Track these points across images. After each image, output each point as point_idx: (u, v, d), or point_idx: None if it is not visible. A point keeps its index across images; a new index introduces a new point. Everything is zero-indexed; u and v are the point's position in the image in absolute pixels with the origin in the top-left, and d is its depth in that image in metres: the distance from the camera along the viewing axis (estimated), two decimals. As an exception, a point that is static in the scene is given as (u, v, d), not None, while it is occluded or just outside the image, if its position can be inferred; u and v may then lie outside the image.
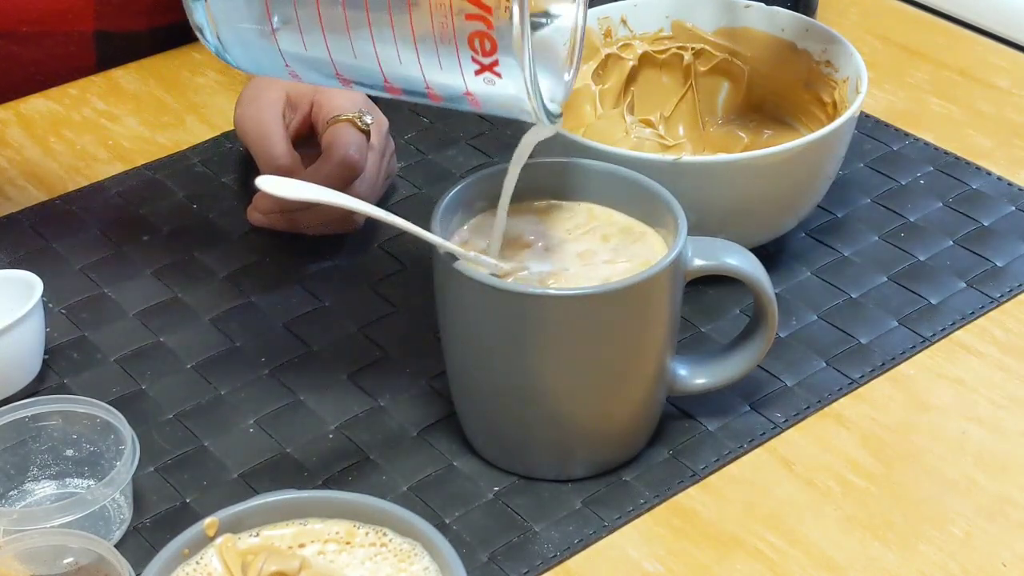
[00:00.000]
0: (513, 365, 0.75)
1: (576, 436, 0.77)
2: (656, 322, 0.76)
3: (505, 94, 0.70)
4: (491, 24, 0.68)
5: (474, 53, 0.69)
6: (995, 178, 1.00)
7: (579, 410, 0.77)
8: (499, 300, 0.73)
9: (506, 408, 0.77)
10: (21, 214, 0.98)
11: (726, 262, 0.78)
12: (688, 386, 0.80)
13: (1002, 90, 1.10)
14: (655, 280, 0.74)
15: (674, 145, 0.98)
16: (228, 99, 1.09)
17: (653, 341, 0.76)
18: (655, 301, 0.75)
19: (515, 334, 0.74)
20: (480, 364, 0.77)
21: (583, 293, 0.73)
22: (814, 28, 0.96)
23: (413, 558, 0.64)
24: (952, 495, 0.77)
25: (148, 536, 0.75)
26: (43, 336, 0.83)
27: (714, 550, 0.75)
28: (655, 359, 0.77)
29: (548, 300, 0.73)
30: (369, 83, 0.74)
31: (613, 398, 0.77)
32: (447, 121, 1.05)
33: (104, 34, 1.14)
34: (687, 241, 0.76)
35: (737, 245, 0.79)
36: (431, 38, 0.70)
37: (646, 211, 0.79)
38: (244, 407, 0.83)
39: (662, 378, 0.78)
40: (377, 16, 0.70)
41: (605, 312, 0.73)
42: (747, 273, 0.77)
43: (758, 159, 0.86)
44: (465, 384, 0.79)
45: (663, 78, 1.00)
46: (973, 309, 0.89)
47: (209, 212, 0.98)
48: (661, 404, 0.80)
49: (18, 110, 1.08)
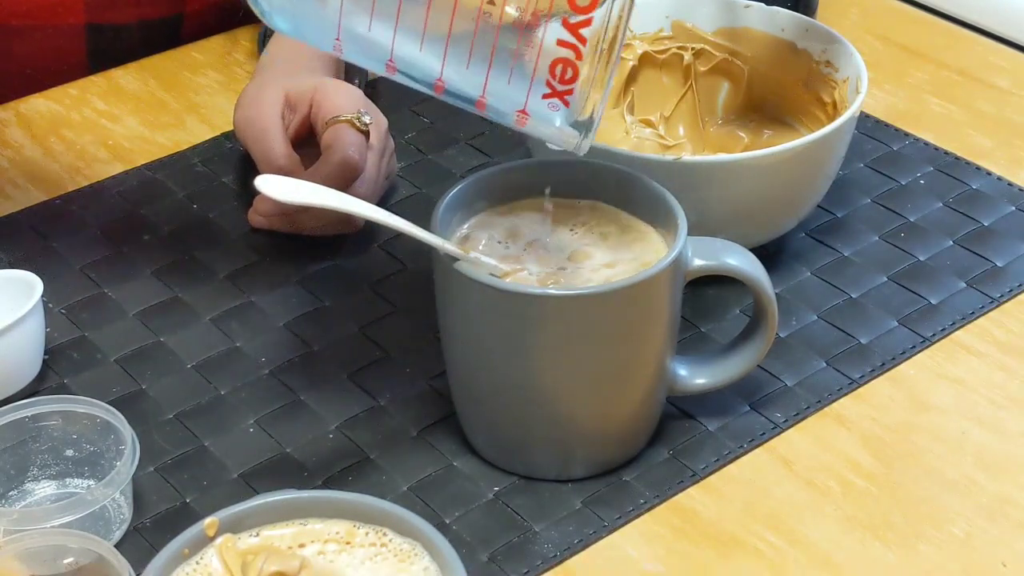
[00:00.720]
0: (512, 365, 0.75)
1: (576, 436, 0.77)
2: (656, 322, 0.76)
3: (560, 122, 0.70)
4: (581, 56, 0.68)
5: (551, 78, 0.69)
6: (995, 178, 1.00)
7: (579, 410, 0.77)
8: (499, 300, 0.73)
9: (506, 408, 0.77)
10: (21, 214, 0.98)
11: (726, 262, 0.77)
12: (688, 386, 0.80)
13: (1002, 90, 1.10)
14: (655, 280, 0.74)
15: (674, 145, 0.98)
16: (228, 99, 1.09)
17: (653, 341, 0.76)
18: (655, 301, 0.75)
19: (515, 334, 0.74)
20: (480, 364, 0.77)
21: (582, 293, 0.73)
22: (814, 28, 0.96)
23: (413, 558, 0.64)
24: (952, 495, 0.77)
25: (148, 536, 0.75)
26: (43, 336, 0.83)
27: (714, 550, 0.75)
28: (655, 359, 0.77)
29: (547, 300, 0.73)
30: (419, 77, 0.72)
31: (613, 398, 0.77)
32: (447, 121, 1.05)
33: (95, 27, 1.14)
34: (687, 241, 0.76)
35: (737, 245, 0.79)
36: (510, 52, 0.69)
37: (647, 210, 0.79)
38: (244, 407, 0.83)
39: (662, 378, 0.78)
40: (462, 22, 0.69)
41: (605, 312, 0.73)
42: (747, 273, 0.77)
43: (758, 159, 0.86)
44: (465, 384, 0.79)
45: (663, 78, 1.00)
46: (973, 309, 0.89)
47: (209, 212, 0.98)
48: (661, 404, 0.80)
49: (18, 110, 1.08)
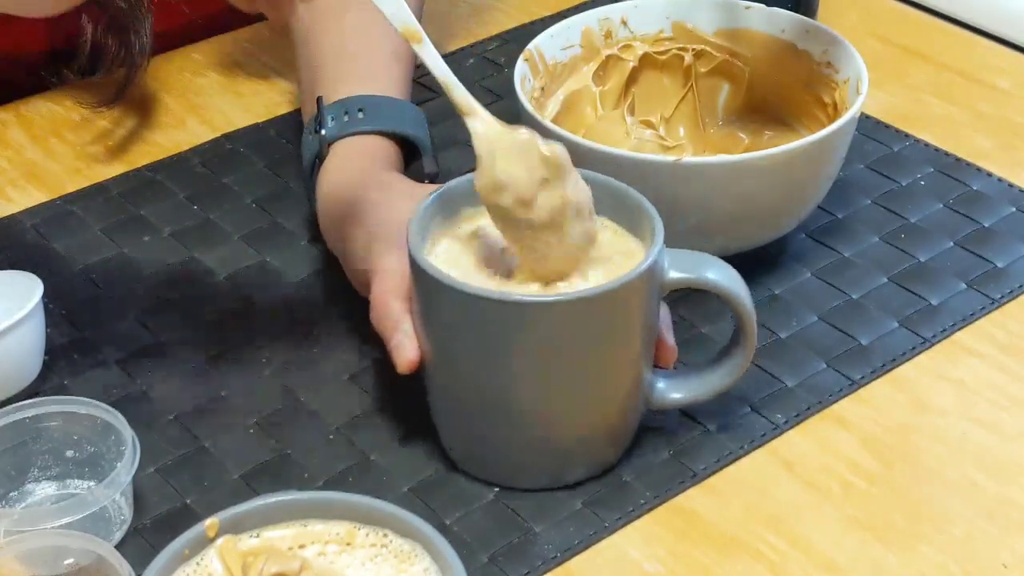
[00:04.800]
0: (482, 369, 0.74)
1: (545, 446, 0.76)
2: (629, 333, 0.74)
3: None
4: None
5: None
6: (995, 179, 1.00)
7: (552, 420, 0.75)
8: (467, 305, 0.72)
9: (476, 412, 0.76)
10: (22, 215, 0.98)
11: (705, 276, 0.75)
12: (664, 400, 0.79)
13: (1003, 91, 1.10)
14: (626, 289, 0.72)
15: (675, 146, 0.98)
16: (228, 100, 1.09)
17: (625, 352, 0.75)
18: (627, 311, 0.73)
19: (482, 339, 0.73)
20: (451, 370, 0.76)
21: (550, 300, 0.72)
22: (814, 29, 0.96)
23: (413, 559, 0.64)
24: (953, 496, 0.78)
25: (148, 537, 0.75)
26: (43, 337, 0.83)
27: (715, 551, 0.75)
28: (628, 371, 0.76)
29: (514, 307, 0.72)
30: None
31: (584, 409, 0.76)
32: (447, 122, 1.05)
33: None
34: (664, 252, 0.74)
35: (718, 259, 0.77)
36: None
37: (626, 218, 0.78)
38: (244, 408, 0.83)
39: (636, 391, 0.77)
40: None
41: (574, 320, 0.72)
42: (726, 289, 0.76)
43: (759, 160, 0.86)
44: (442, 393, 0.78)
45: (664, 79, 1.00)
46: (974, 310, 0.89)
47: (209, 213, 0.98)
48: (636, 417, 0.79)
49: (18, 111, 1.08)
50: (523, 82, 0.92)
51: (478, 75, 1.12)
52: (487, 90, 1.10)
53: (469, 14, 1.21)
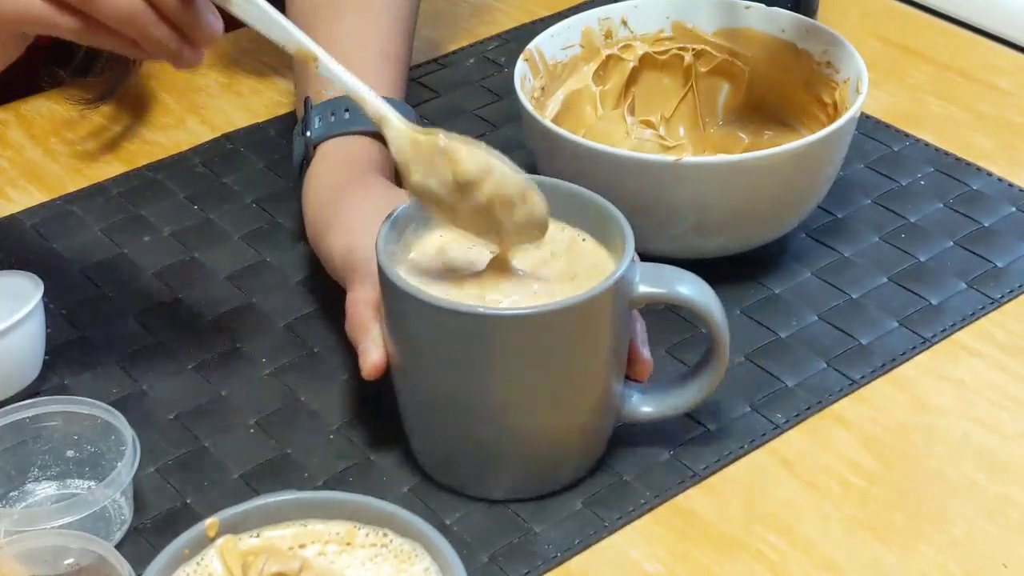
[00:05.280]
0: (447, 380, 0.74)
1: (511, 455, 0.76)
2: (596, 346, 0.74)
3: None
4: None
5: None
6: (995, 179, 1.00)
7: (519, 432, 0.75)
8: (435, 317, 0.71)
9: (444, 422, 0.76)
10: (22, 215, 0.98)
11: (675, 291, 0.75)
12: (635, 414, 0.78)
13: (1003, 91, 1.10)
14: (594, 303, 0.72)
15: (675, 146, 0.98)
16: (229, 100, 1.09)
17: (594, 365, 0.74)
18: (595, 325, 0.73)
19: (449, 351, 0.72)
20: (419, 380, 0.75)
21: (517, 314, 0.72)
22: (814, 29, 0.96)
23: (414, 559, 0.64)
24: (953, 496, 0.78)
25: (149, 537, 0.75)
26: (44, 337, 0.83)
27: (715, 551, 0.75)
28: (597, 384, 0.75)
29: (481, 319, 0.71)
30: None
31: (552, 421, 0.75)
32: (447, 122, 1.05)
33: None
34: (635, 267, 0.74)
35: (691, 274, 0.76)
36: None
37: (600, 231, 0.77)
38: (244, 407, 0.83)
39: (607, 404, 0.77)
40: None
41: (541, 333, 0.72)
42: (698, 304, 0.75)
43: (759, 160, 0.86)
44: (410, 401, 0.77)
45: (664, 79, 1.00)
46: (974, 310, 0.89)
47: (210, 213, 0.98)
48: (608, 430, 0.78)
49: (18, 110, 1.08)
50: (523, 82, 0.92)
51: (478, 75, 1.12)
52: (487, 90, 1.10)
53: (469, 14, 1.21)
